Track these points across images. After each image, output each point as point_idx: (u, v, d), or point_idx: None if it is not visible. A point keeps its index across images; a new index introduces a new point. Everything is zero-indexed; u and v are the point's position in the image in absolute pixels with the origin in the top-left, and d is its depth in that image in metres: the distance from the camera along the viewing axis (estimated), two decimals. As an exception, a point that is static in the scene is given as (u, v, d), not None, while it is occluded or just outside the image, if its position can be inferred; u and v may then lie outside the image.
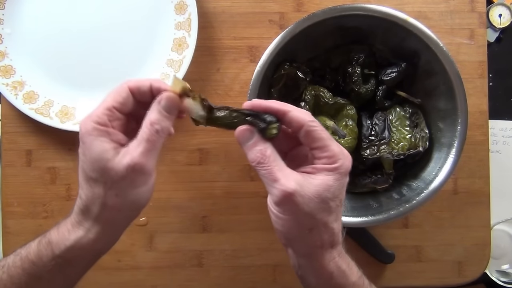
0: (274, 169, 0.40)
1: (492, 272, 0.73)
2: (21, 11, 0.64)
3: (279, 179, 0.39)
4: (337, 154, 0.40)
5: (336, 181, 0.40)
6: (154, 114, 0.40)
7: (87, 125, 0.39)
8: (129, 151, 0.39)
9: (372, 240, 0.67)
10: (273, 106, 0.41)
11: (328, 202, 0.40)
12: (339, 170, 0.40)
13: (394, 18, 0.55)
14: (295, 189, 0.38)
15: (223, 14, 0.67)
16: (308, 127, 0.40)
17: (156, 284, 0.66)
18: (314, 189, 0.39)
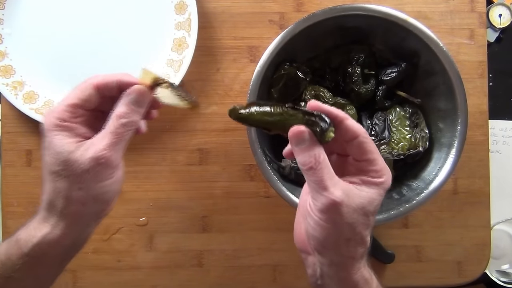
0: (325, 176, 0.39)
1: (492, 272, 0.73)
2: (21, 11, 0.64)
3: (329, 188, 0.38)
4: (384, 169, 0.40)
5: (379, 195, 0.40)
6: (121, 107, 0.40)
7: (49, 120, 0.39)
8: (94, 143, 0.39)
9: (372, 240, 0.67)
10: (333, 111, 0.40)
11: (369, 215, 0.40)
12: (383, 185, 0.40)
13: (394, 18, 0.55)
14: (343, 199, 0.38)
15: (223, 14, 0.67)
16: (362, 138, 0.39)
17: (156, 284, 0.66)
18: (359, 201, 0.39)
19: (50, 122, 0.39)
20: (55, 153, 0.39)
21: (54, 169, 0.39)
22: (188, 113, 0.67)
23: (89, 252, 0.66)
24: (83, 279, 0.66)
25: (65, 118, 0.39)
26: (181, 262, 0.66)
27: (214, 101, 0.67)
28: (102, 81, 0.41)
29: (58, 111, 0.39)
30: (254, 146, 0.54)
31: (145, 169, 0.66)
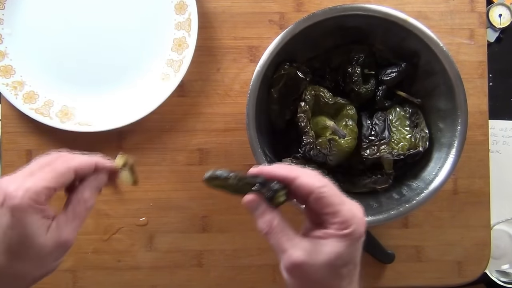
0: (281, 239, 0.39)
1: (492, 272, 0.73)
2: (21, 11, 0.64)
3: (287, 250, 0.39)
4: (349, 219, 0.38)
5: (348, 247, 0.38)
6: (87, 191, 0.41)
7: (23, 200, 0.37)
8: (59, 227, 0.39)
9: (372, 240, 0.67)
10: (279, 173, 0.40)
11: (339, 269, 0.39)
12: (351, 236, 0.38)
13: (394, 18, 0.55)
14: (303, 259, 0.38)
15: (223, 14, 0.67)
16: (318, 194, 0.39)
17: (156, 284, 0.66)
18: (323, 258, 0.38)
19: (25, 203, 0.37)
20: (22, 234, 0.37)
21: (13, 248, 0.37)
22: (188, 113, 0.67)
23: (89, 252, 0.66)
24: (83, 279, 0.66)
25: (41, 201, 0.38)
26: (181, 262, 0.66)
27: (214, 101, 0.67)
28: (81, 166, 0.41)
29: (35, 191, 0.37)
30: (254, 146, 0.54)
31: (145, 169, 0.66)
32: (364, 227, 0.39)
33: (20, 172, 0.40)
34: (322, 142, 0.57)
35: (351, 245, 0.38)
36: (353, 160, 0.61)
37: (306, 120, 0.57)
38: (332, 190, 0.39)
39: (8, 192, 0.37)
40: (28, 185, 0.37)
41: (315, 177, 0.40)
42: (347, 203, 0.40)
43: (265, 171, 0.40)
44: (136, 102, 0.64)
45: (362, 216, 0.40)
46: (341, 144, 0.57)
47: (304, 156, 0.58)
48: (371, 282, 0.68)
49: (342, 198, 0.40)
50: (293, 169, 0.40)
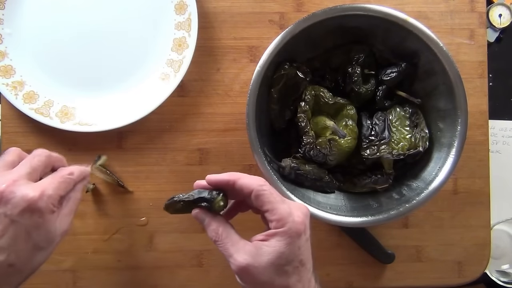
0: (227, 245, 0.43)
1: (492, 272, 0.73)
2: (21, 11, 0.64)
3: (232, 254, 0.42)
4: (285, 217, 0.41)
5: (287, 245, 0.41)
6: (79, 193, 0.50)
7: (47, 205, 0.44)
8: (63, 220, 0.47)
9: (372, 240, 0.67)
10: (221, 179, 0.44)
11: (284, 268, 0.41)
12: (288, 233, 0.41)
13: (394, 18, 0.55)
14: (248, 263, 0.41)
15: (223, 14, 0.67)
16: (257, 192, 0.42)
17: (156, 284, 0.66)
18: (266, 259, 0.41)
19: (49, 208, 0.44)
20: (47, 231, 0.44)
21: (40, 244, 0.45)
22: (188, 113, 0.67)
23: (89, 252, 0.66)
24: (83, 279, 0.66)
25: (57, 205, 0.45)
26: (181, 262, 0.66)
27: (214, 101, 0.67)
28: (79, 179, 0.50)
29: (55, 198, 0.45)
30: (254, 146, 0.54)
31: (145, 169, 0.66)
32: (303, 226, 0.42)
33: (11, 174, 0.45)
34: (322, 142, 0.57)
35: (290, 243, 0.41)
36: (353, 160, 0.61)
37: (306, 120, 0.57)
38: (271, 189, 0.43)
39: (31, 197, 0.43)
40: (49, 193, 0.44)
41: (256, 178, 0.44)
42: (286, 203, 0.43)
43: (208, 179, 0.45)
44: (136, 102, 0.64)
45: (301, 215, 0.42)
46: (341, 144, 0.57)
47: (304, 156, 0.58)
48: (371, 282, 0.68)
49: (281, 198, 0.43)
50: (234, 173, 0.44)
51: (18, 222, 0.43)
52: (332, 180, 0.59)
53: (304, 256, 0.43)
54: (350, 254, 0.68)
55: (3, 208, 0.42)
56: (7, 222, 0.42)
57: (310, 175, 0.57)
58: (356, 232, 0.67)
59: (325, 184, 0.59)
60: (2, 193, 0.42)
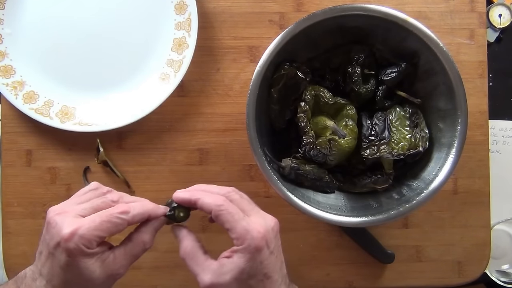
0: (193, 265, 0.45)
1: (492, 272, 0.73)
2: (21, 11, 0.64)
3: (198, 274, 0.44)
4: (243, 234, 0.43)
5: (248, 261, 0.42)
6: (147, 235, 0.46)
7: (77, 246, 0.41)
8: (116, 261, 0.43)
9: (372, 240, 0.67)
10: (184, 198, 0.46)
11: (247, 282, 0.43)
12: (247, 250, 0.42)
13: (394, 18, 0.55)
14: (212, 281, 0.43)
15: (223, 14, 0.67)
16: (215, 212, 0.44)
17: (156, 284, 0.66)
18: (230, 275, 0.43)
19: (78, 249, 0.41)
20: (77, 273, 0.41)
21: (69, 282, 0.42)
22: (188, 113, 0.67)
23: (89, 252, 0.66)
24: (83, 279, 0.66)
25: (92, 247, 0.42)
26: (181, 262, 0.66)
27: (214, 101, 0.67)
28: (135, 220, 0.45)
29: (88, 239, 0.41)
30: (254, 146, 0.54)
31: (145, 169, 0.66)
32: (263, 241, 0.43)
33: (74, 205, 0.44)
34: (322, 142, 0.57)
35: (250, 259, 0.43)
36: (353, 160, 0.61)
37: (306, 120, 0.57)
38: (230, 208, 0.44)
39: (63, 234, 0.40)
40: (82, 232, 0.41)
41: (215, 197, 0.45)
42: (245, 220, 0.44)
43: (174, 196, 0.47)
44: (136, 102, 0.64)
45: (261, 231, 0.44)
46: (341, 144, 0.57)
47: (304, 156, 0.58)
48: (371, 282, 0.68)
49: (239, 215, 0.44)
50: (195, 192, 0.46)
51: (53, 255, 0.42)
52: (332, 180, 0.59)
53: (268, 269, 0.44)
54: (350, 254, 0.68)
55: (47, 235, 0.43)
56: (47, 252, 0.43)
57: (310, 175, 0.57)
58: (356, 232, 0.67)
59: (325, 184, 0.59)
60: (50, 218, 0.43)
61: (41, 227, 0.65)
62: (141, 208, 0.45)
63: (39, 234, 0.65)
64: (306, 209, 0.54)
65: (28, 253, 0.65)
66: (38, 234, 0.65)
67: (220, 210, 0.44)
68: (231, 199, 0.47)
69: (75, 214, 0.42)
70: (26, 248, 0.65)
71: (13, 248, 0.65)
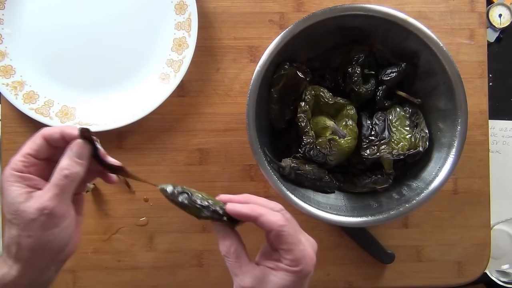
0: (235, 265, 0.45)
1: (492, 272, 0.73)
2: (21, 11, 0.64)
3: (238, 275, 0.44)
4: (300, 259, 0.43)
5: (293, 283, 0.43)
6: (64, 160, 0.44)
7: (5, 171, 0.43)
8: (40, 195, 0.42)
9: (372, 240, 0.67)
10: (243, 213, 0.45)
11: None
12: (299, 274, 0.43)
13: (394, 18, 0.55)
14: (252, 286, 0.43)
15: (223, 14, 0.67)
16: (278, 232, 0.43)
17: (156, 284, 0.66)
18: (269, 287, 0.43)
19: (6, 173, 0.43)
20: (8, 202, 0.42)
21: (8, 217, 0.43)
22: (188, 113, 0.67)
23: (89, 252, 0.66)
24: (83, 279, 0.66)
25: (19, 169, 0.43)
26: (181, 262, 0.66)
27: (214, 101, 0.67)
28: (48, 132, 0.45)
29: (14, 162, 0.44)
30: (254, 146, 0.54)
31: (145, 169, 0.66)
32: (313, 266, 0.44)
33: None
34: (322, 142, 0.57)
35: (297, 281, 0.43)
36: (353, 160, 0.61)
37: (306, 120, 0.57)
38: (291, 229, 0.44)
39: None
40: (11, 160, 0.44)
41: (277, 216, 0.44)
42: (302, 244, 0.44)
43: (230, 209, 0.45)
44: (136, 102, 0.64)
45: (313, 256, 0.44)
46: (341, 144, 0.57)
47: (304, 156, 0.58)
48: (371, 282, 0.68)
49: (298, 238, 0.44)
50: (257, 208, 0.45)
51: None
52: (332, 180, 0.59)
53: None
54: (350, 254, 0.68)
55: None
56: None
57: (310, 175, 0.57)
58: (356, 232, 0.67)
59: (325, 184, 0.59)
60: None
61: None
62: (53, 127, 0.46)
63: None
64: (306, 209, 0.54)
65: (28, 253, 0.65)
66: None
67: (283, 231, 0.43)
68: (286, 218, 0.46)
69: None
70: (26, 248, 0.65)
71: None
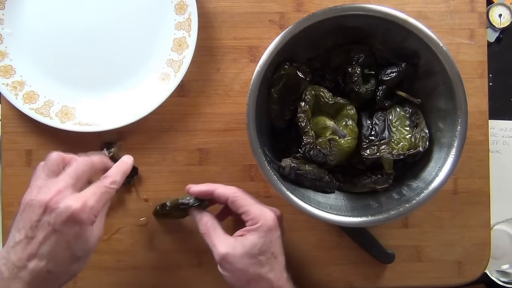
0: (212, 237, 0.52)
1: (492, 272, 0.73)
2: (21, 11, 0.64)
3: (215, 245, 0.51)
4: (258, 216, 0.50)
5: (260, 238, 0.49)
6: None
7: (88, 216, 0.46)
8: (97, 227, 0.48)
9: (372, 240, 0.67)
10: (202, 189, 0.55)
11: (257, 257, 0.49)
12: (261, 228, 0.50)
13: (394, 18, 0.55)
14: (227, 251, 0.49)
15: (223, 14, 0.67)
16: (232, 198, 0.52)
17: (156, 284, 0.66)
18: (243, 249, 0.49)
19: (90, 219, 0.46)
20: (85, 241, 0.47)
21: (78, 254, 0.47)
22: (188, 113, 0.67)
23: (89, 252, 0.66)
24: (83, 279, 0.66)
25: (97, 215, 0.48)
26: (181, 262, 0.66)
27: (214, 101, 0.67)
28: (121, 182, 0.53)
29: (96, 209, 0.47)
30: (254, 146, 0.54)
31: (145, 169, 0.66)
32: (274, 223, 0.51)
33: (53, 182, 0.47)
34: (322, 142, 0.57)
35: (263, 236, 0.50)
36: (353, 160, 0.61)
37: (306, 120, 0.57)
38: (243, 195, 0.52)
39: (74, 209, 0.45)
40: (91, 204, 0.46)
41: (230, 187, 0.53)
42: (257, 204, 0.52)
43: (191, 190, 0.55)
44: (136, 102, 0.64)
45: (272, 215, 0.51)
46: (341, 144, 0.57)
47: (304, 156, 0.58)
48: (371, 282, 0.68)
49: (252, 201, 0.52)
50: (211, 184, 0.55)
51: (59, 232, 0.45)
52: (332, 180, 0.59)
53: (276, 250, 0.51)
54: (350, 254, 0.68)
55: (47, 217, 0.45)
56: (49, 231, 0.45)
57: (310, 175, 0.57)
58: (356, 232, 0.67)
59: (325, 184, 0.59)
60: (48, 202, 0.45)
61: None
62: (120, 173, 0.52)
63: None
64: (306, 209, 0.54)
65: (28, 253, 0.65)
66: None
67: (236, 196, 0.52)
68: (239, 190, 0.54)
69: (71, 191, 0.46)
70: (26, 248, 0.65)
71: (13, 248, 0.65)
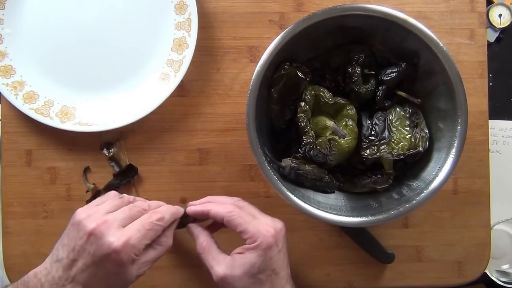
0: (208, 258, 0.51)
1: (492, 272, 0.73)
2: (21, 11, 0.64)
3: (213, 266, 0.50)
4: (255, 234, 0.48)
5: (259, 257, 0.48)
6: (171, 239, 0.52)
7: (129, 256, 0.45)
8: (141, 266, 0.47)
9: (372, 240, 0.67)
10: (199, 210, 0.52)
11: (257, 276, 0.48)
12: (260, 247, 0.48)
13: (394, 18, 0.55)
14: (225, 273, 0.48)
15: (223, 14, 0.67)
16: (227, 218, 0.50)
17: (156, 284, 0.66)
18: (241, 269, 0.48)
19: (130, 258, 0.45)
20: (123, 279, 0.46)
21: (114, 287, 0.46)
22: (188, 113, 0.67)
23: (89, 252, 0.66)
24: (83, 279, 0.66)
25: (140, 254, 0.47)
26: (181, 262, 0.66)
27: (214, 101, 0.67)
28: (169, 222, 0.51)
29: (138, 249, 0.46)
30: (254, 146, 0.54)
31: (145, 169, 0.66)
32: (274, 239, 0.48)
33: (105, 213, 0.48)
34: (322, 142, 0.57)
35: (261, 255, 0.48)
36: (353, 160, 0.61)
37: (306, 120, 0.57)
38: (239, 213, 0.50)
39: (115, 246, 0.44)
40: (133, 243, 0.46)
41: (225, 206, 0.51)
42: (255, 220, 0.50)
43: (190, 210, 0.54)
44: (136, 102, 0.64)
45: (271, 230, 0.49)
46: (341, 144, 0.57)
47: (304, 156, 0.58)
48: (371, 282, 0.68)
49: (250, 218, 0.50)
50: (206, 205, 0.53)
51: (98, 265, 0.45)
52: (332, 180, 0.59)
53: (276, 266, 0.49)
54: (350, 254, 0.68)
55: (90, 246, 0.45)
56: (89, 261, 0.45)
57: (310, 175, 0.57)
58: (356, 232, 0.67)
59: (325, 184, 0.59)
60: (93, 230, 0.45)
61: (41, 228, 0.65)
62: (169, 212, 0.51)
63: (39, 234, 0.65)
64: (306, 209, 0.54)
65: (28, 253, 0.65)
66: (38, 234, 0.65)
67: (232, 215, 0.49)
68: (239, 206, 0.52)
69: (117, 225, 0.46)
70: (26, 248, 0.65)
71: (13, 248, 0.65)
